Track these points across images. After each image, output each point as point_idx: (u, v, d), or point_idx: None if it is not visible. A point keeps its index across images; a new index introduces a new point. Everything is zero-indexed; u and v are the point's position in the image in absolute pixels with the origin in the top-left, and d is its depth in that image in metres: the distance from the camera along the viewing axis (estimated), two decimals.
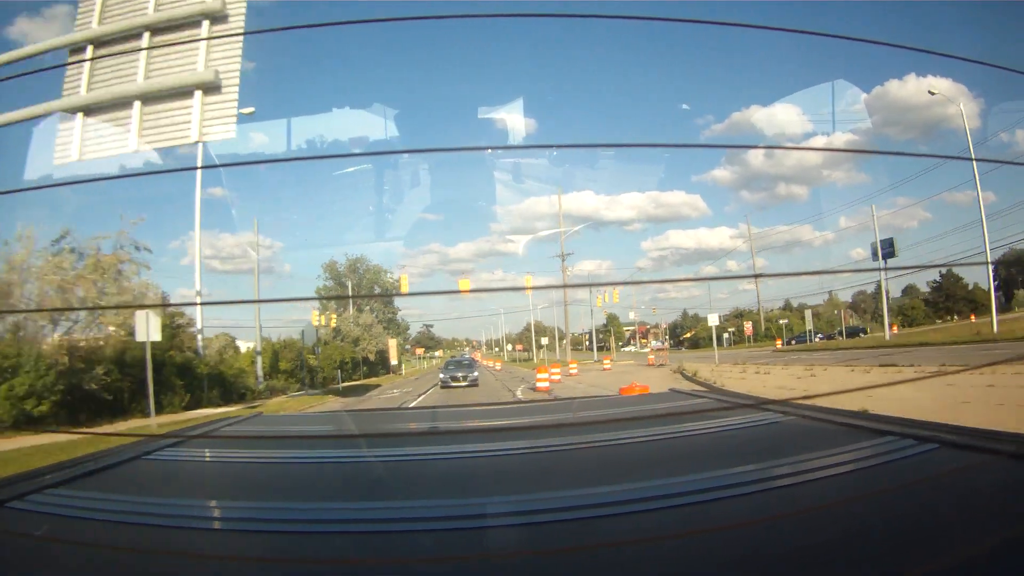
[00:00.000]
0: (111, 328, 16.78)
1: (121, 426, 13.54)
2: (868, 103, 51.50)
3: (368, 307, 44.72)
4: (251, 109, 15.82)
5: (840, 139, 34.52)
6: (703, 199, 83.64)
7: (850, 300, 62.06)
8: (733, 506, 1.04)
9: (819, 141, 38.57)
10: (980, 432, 1.32)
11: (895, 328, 42.60)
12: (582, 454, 1.59)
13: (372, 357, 41.27)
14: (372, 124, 15.34)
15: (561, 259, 39.44)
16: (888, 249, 32.30)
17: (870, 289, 59.97)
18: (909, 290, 62.59)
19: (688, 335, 69.13)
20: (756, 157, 62.27)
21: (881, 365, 16.54)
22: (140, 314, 11.86)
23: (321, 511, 1.17)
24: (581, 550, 0.89)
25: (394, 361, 44.80)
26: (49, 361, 13.44)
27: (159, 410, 14.86)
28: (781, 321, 48.53)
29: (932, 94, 29.20)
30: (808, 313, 42.82)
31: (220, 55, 9.09)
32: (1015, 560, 0.75)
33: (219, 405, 19.37)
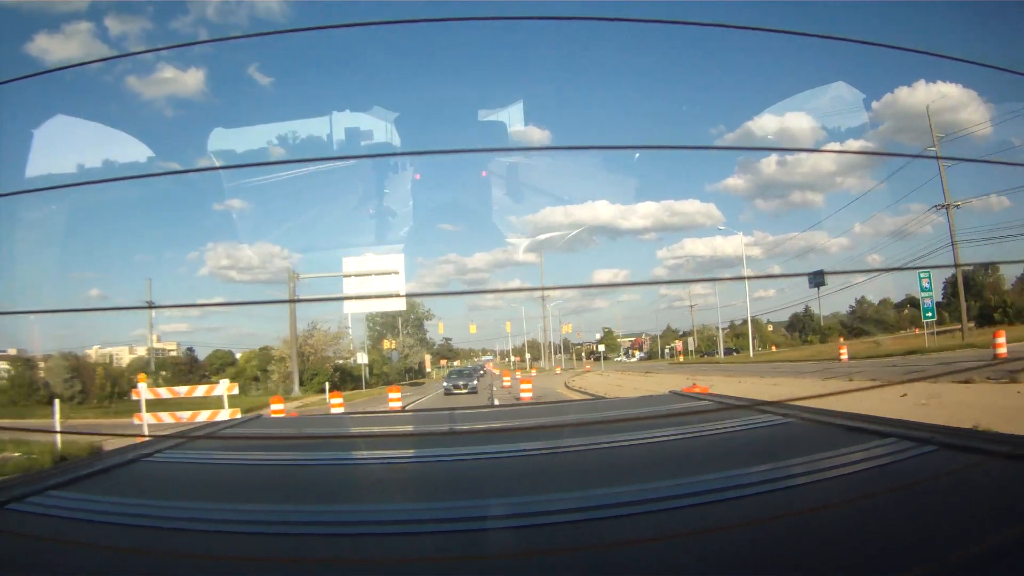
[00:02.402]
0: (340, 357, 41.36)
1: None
2: (878, 109, 50.68)
3: (408, 332, 67.67)
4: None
5: (851, 144, 35.74)
6: (717, 207, 79.51)
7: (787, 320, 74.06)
8: (733, 508, 1.04)
9: (830, 145, 39.45)
10: (977, 434, 1.35)
11: (773, 347, 63.37)
12: (581, 456, 1.59)
13: (416, 367, 64.71)
14: (376, 127, 18.21)
15: (541, 295, 60.88)
16: (819, 279, 42.21)
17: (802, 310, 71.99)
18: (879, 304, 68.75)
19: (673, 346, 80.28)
20: (769, 165, 60.84)
21: (644, 372, 38.35)
22: (360, 353, 35.73)
23: (321, 513, 1.18)
24: (580, 551, 0.89)
25: (428, 369, 68.44)
26: (328, 369, 37.58)
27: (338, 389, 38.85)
28: (677, 343, 66.69)
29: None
30: (691, 338, 64.24)
31: (396, 283, 31.99)
32: (1013, 560, 0.76)
33: (356, 388, 42.79)
